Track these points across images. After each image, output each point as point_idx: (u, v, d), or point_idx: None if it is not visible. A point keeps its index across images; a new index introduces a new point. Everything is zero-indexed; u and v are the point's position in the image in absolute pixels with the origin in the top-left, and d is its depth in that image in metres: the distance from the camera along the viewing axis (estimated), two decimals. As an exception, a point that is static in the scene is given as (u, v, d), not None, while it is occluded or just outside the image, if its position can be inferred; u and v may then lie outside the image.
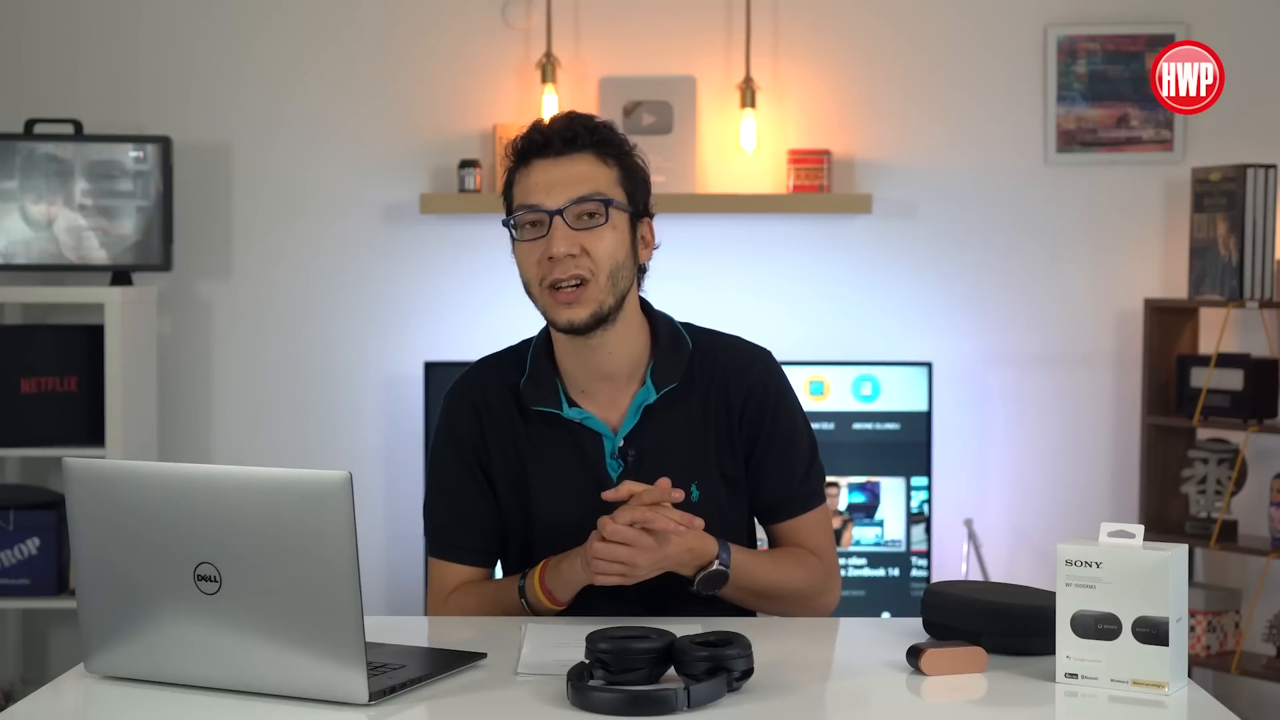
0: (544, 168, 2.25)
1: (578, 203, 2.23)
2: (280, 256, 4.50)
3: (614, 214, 2.25)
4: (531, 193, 2.25)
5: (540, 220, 2.24)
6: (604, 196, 2.25)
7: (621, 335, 2.30)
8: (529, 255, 2.26)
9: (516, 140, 2.30)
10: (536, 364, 2.35)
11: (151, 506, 1.85)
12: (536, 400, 2.32)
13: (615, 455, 2.31)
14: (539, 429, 2.33)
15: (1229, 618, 4.27)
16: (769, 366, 2.39)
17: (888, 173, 4.48)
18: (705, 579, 2.23)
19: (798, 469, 2.38)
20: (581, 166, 2.25)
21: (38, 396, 4.11)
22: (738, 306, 4.39)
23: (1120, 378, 4.49)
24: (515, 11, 4.47)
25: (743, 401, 2.34)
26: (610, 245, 2.24)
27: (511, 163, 2.30)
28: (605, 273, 2.24)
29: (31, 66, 4.45)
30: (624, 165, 2.29)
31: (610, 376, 2.32)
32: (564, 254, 2.22)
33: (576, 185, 2.24)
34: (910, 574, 4.30)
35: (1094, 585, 1.88)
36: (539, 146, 2.26)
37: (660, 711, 1.76)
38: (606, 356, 2.30)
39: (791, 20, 4.47)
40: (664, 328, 2.36)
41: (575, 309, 2.23)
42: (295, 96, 4.49)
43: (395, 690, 1.84)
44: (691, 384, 2.34)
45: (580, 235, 2.23)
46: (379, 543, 4.42)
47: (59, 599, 4.12)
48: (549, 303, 2.25)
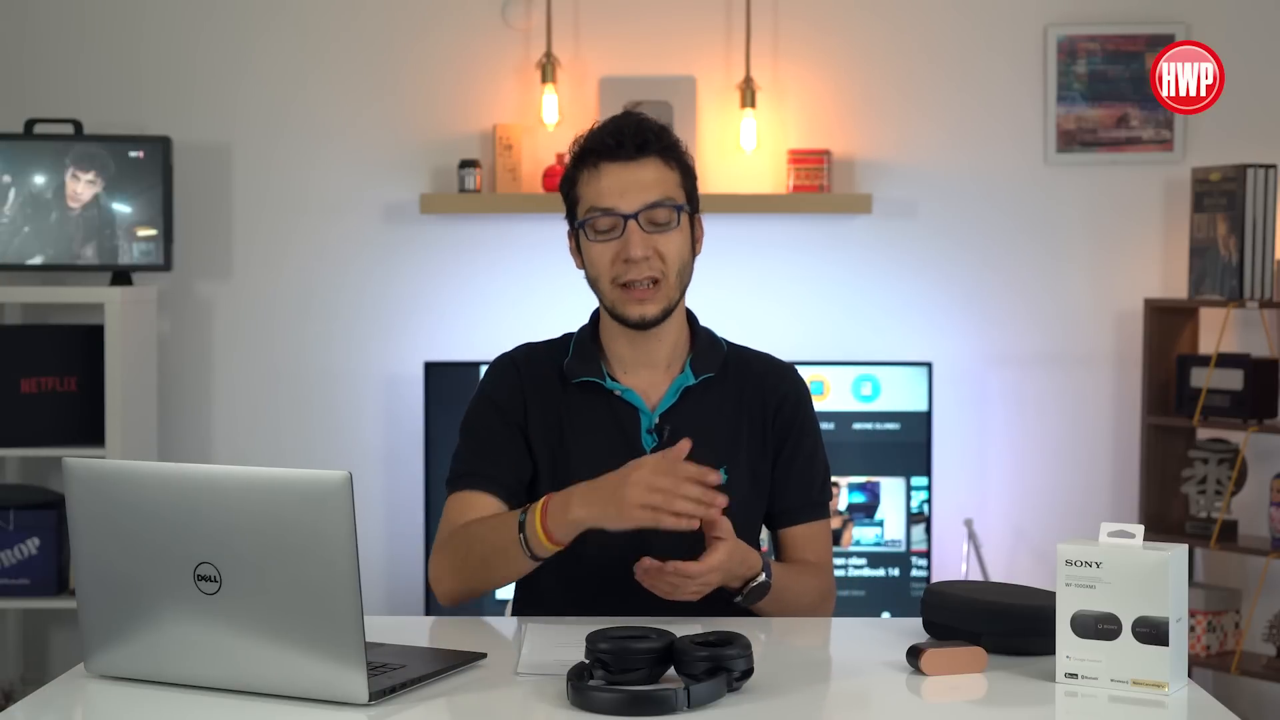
0: (615, 171, 2.35)
1: (651, 208, 2.34)
2: (280, 256, 4.50)
3: (681, 217, 2.37)
4: (604, 196, 2.34)
5: (614, 224, 2.34)
6: (674, 202, 2.36)
7: (673, 326, 2.41)
8: (602, 255, 2.36)
9: (582, 139, 2.39)
10: (581, 347, 2.44)
11: (151, 506, 1.86)
12: (579, 373, 2.40)
13: (651, 430, 2.38)
14: (578, 397, 2.40)
15: (1229, 618, 4.27)
16: (800, 383, 2.50)
17: (888, 173, 4.48)
18: (752, 591, 2.26)
19: (815, 480, 2.46)
20: (650, 171, 2.35)
21: (38, 396, 4.11)
22: (738, 306, 4.39)
23: (1120, 378, 4.49)
24: (515, 11, 4.47)
25: (777, 404, 2.44)
26: (679, 247, 2.37)
27: (575, 160, 2.39)
28: (675, 272, 2.36)
29: (31, 66, 4.45)
30: (683, 167, 2.41)
31: (655, 363, 2.42)
32: (640, 256, 2.33)
33: (648, 190, 2.34)
34: (910, 574, 4.31)
35: (1094, 585, 1.88)
36: (611, 150, 2.35)
37: (660, 711, 1.77)
38: (657, 344, 2.41)
39: (791, 20, 4.47)
40: (700, 327, 2.49)
41: (648, 306, 2.35)
42: (296, 97, 4.49)
43: (395, 690, 1.84)
44: (726, 378, 2.44)
45: (653, 238, 2.35)
46: (379, 543, 4.42)
47: (59, 599, 4.12)
48: (620, 299, 2.36)
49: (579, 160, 2.38)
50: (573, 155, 2.40)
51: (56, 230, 4.20)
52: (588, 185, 2.36)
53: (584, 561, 2.30)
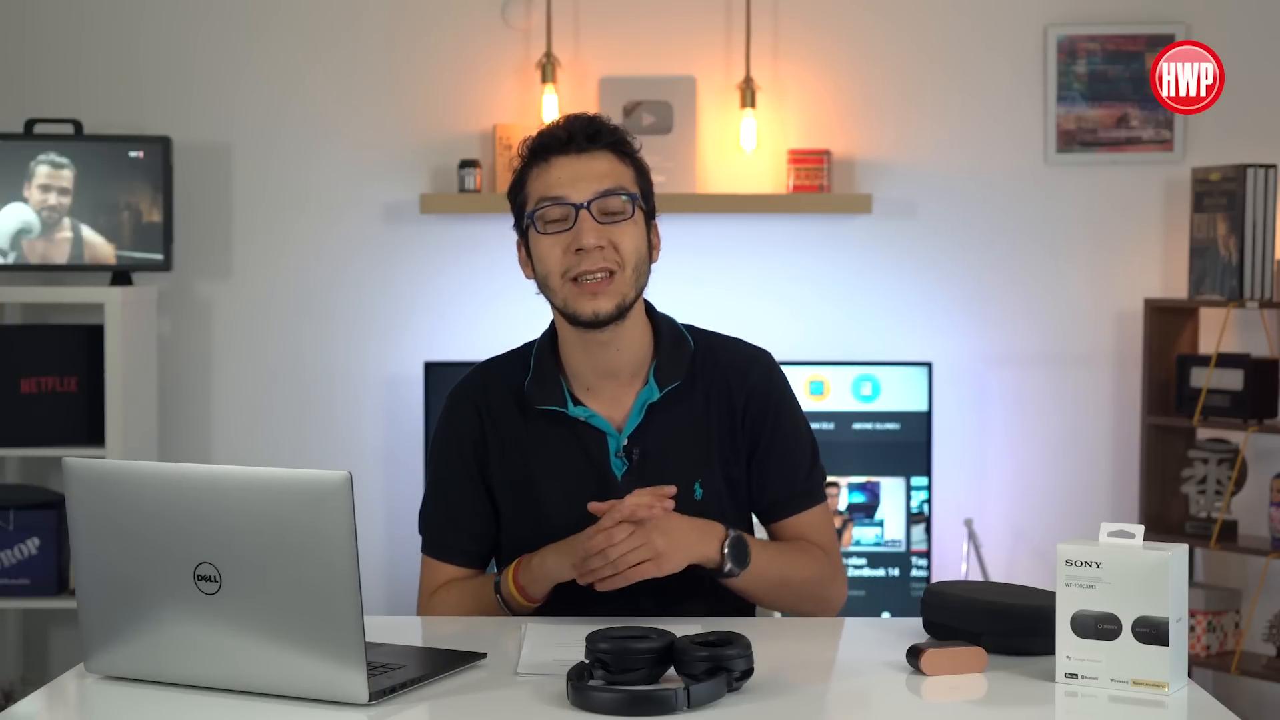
0: (566, 163, 2.26)
1: (604, 196, 2.24)
2: (280, 256, 4.50)
3: (637, 210, 2.27)
4: (554, 186, 2.25)
5: (565, 215, 2.25)
6: (629, 191, 2.27)
7: (630, 332, 2.30)
8: (552, 248, 2.26)
9: (531, 139, 2.30)
10: (541, 363, 2.35)
11: (151, 506, 1.86)
12: (541, 399, 2.32)
13: (620, 454, 2.31)
14: (542, 428, 2.33)
15: (1229, 618, 4.27)
16: (770, 368, 2.40)
17: (888, 173, 4.48)
18: (731, 549, 2.21)
19: (800, 468, 2.38)
20: (603, 163, 2.27)
21: (38, 396, 4.11)
22: (738, 306, 4.39)
23: (1120, 378, 4.49)
24: (515, 11, 4.47)
25: (745, 402, 2.35)
26: (635, 239, 2.26)
27: (524, 161, 2.30)
28: (630, 266, 2.25)
29: (31, 66, 4.45)
30: (638, 166, 2.32)
31: (616, 374, 2.32)
32: (593, 245, 2.22)
33: (601, 180, 2.25)
34: (910, 574, 4.30)
35: (1094, 585, 1.88)
36: (561, 143, 2.26)
37: (660, 711, 1.76)
38: (615, 353, 2.31)
39: (791, 20, 4.47)
40: (666, 328, 2.37)
41: (601, 300, 2.24)
42: (296, 96, 4.49)
43: (395, 690, 1.84)
44: (694, 383, 2.35)
45: (607, 229, 2.24)
46: (379, 543, 4.42)
47: (59, 599, 4.12)
48: (572, 295, 2.25)
49: (528, 159, 2.29)
50: (521, 157, 2.30)
51: (57, 230, 4.20)
52: (537, 180, 2.27)
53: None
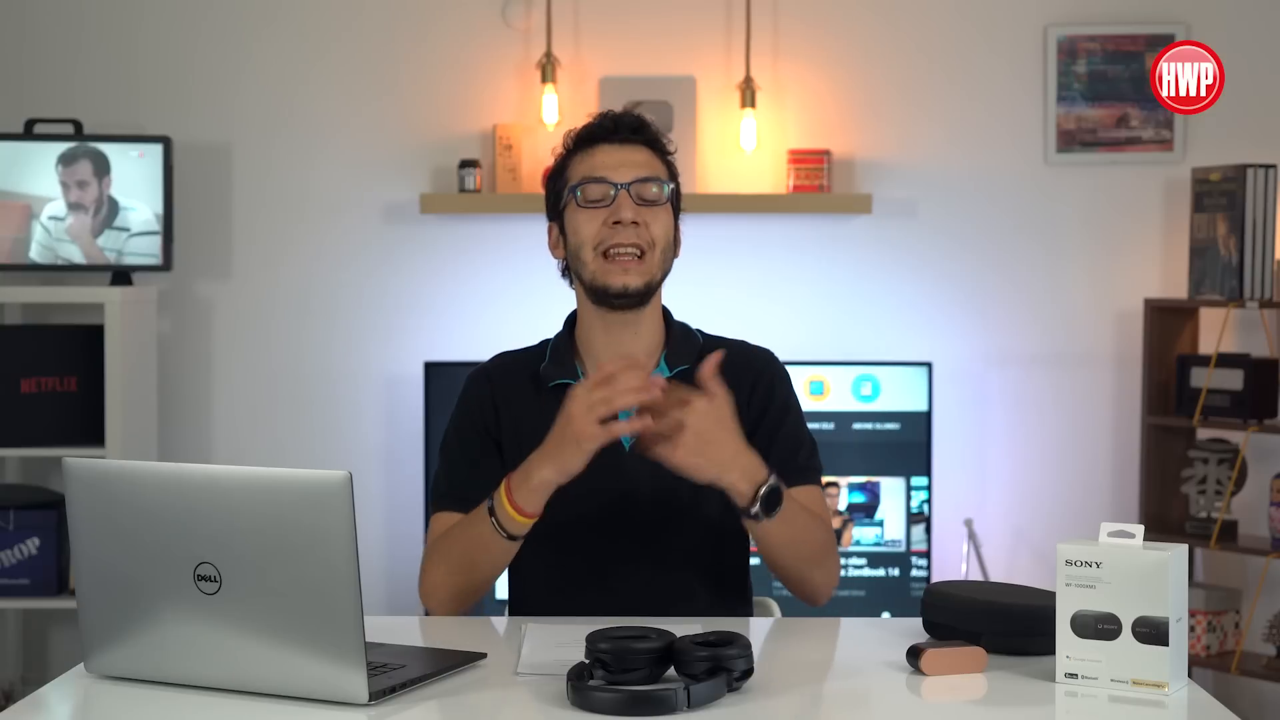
0: (610, 150, 2.41)
1: (643, 181, 2.39)
2: (280, 256, 4.50)
3: (669, 201, 2.42)
4: (597, 169, 2.40)
5: (605, 194, 2.38)
6: (665, 179, 2.43)
7: (650, 317, 2.43)
8: (590, 221, 2.39)
9: (578, 129, 2.45)
10: (558, 350, 2.46)
11: (151, 506, 1.85)
12: (554, 376, 2.43)
13: None
14: (554, 404, 2.35)
15: (1229, 618, 4.27)
16: (774, 361, 2.51)
17: (888, 173, 4.48)
18: (766, 496, 2.20)
19: (800, 448, 2.44)
20: (643, 155, 2.43)
21: (38, 396, 4.11)
22: (738, 306, 4.39)
23: (1120, 378, 4.49)
24: (515, 11, 4.47)
25: (751, 386, 2.43)
26: (666, 225, 2.41)
27: (569, 148, 2.45)
28: (660, 248, 2.39)
29: (31, 66, 4.45)
30: (671, 168, 2.47)
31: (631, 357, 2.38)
32: (629, 220, 2.36)
33: (640, 168, 2.41)
34: (910, 574, 4.31)
35: (1094, 585, 1.88)
36: (607, 131, 2.43)
37: (660, 711, 1.77)
38: (633, 336, 2.42)
39: (791, 20, 4.47)
40: (675, 322, 2.50)
41: (631, 275, 2.36)
42: (295, 97, 4.49)
43: (395, 690, 1.84)
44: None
45: (643, 210, 2.38)
46: (379, 543, 4.42)
47: (59, 599, 4.12)
48: (603, 268, 2.37)
49: (573, 147, 2.45)
50: (566, 145, 2.46)
51: (57, 230, 4.20)
52: (580, 164, 2.42)
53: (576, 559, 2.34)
